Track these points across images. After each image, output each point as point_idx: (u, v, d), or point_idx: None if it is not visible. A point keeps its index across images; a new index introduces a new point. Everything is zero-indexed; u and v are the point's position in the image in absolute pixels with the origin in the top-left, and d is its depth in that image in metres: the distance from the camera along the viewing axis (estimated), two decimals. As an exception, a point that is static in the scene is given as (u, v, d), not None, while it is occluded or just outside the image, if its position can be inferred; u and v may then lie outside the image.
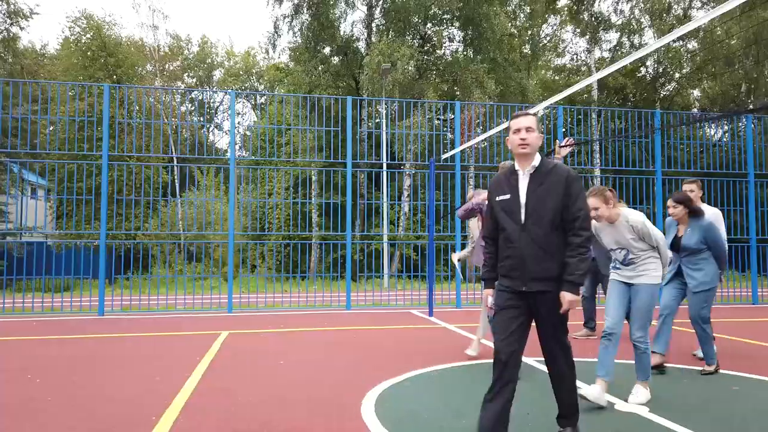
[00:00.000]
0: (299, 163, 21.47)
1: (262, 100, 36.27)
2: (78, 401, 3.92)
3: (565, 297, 2.73)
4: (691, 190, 5.41)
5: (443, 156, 8.33)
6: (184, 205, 24.27)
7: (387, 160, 16.44)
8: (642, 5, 23.83)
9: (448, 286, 14.40)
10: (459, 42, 22.93)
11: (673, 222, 4.88)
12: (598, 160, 20.31)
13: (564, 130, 17.75)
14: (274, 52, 23.46)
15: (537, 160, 2.86)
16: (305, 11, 22.08)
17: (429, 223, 8.58)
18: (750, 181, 10.91)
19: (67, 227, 23.34)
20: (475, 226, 5.54)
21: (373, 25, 22.68)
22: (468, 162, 14.93)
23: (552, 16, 27.72)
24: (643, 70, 26.60)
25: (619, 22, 24.86)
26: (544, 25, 28.30)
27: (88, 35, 25.75)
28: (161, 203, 23.96)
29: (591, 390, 3.69)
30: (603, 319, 4.26)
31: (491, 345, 5.77)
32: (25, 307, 10.20)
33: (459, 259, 5.77)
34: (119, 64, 25.22)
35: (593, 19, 24.48)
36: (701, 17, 3.85)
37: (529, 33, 26.56)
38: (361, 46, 23.54)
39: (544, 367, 5.11)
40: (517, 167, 2.89)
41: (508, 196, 2.86)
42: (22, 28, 31.60)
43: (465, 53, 22.05)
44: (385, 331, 7.37)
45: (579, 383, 3.53)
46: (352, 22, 38.50)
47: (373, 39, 22.27)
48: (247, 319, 8.71)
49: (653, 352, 4.76)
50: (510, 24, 22.42)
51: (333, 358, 5.53)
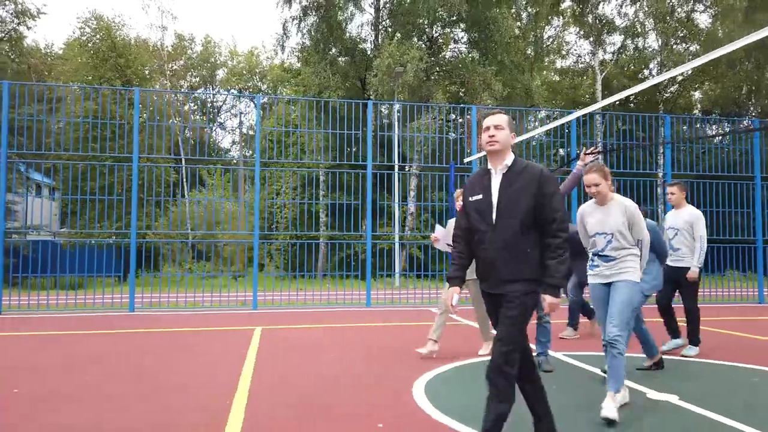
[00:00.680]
0: (310, 164, 21.76)
1: (277, 102, 36.55)
2: (151, 390, 4.22)
3: (546, 300, 2.69)
4: (672, 192, 5.60)
5: (466, 159, 8.66)
6: (202, 205, 24.48)
7: (399, 162, 16.72)
8: (646, 8, 24.16)
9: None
10: (465, 44, 23.25)
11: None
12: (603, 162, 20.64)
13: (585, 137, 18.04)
14: (283, 53, 23.72)
15: (510, 159, 2.80)
16: (313, 13, 22.37)
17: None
18: (757, 184, 11.25)
19: (75, 226, 23.65)
20: None
21: (380, 27, 23.00)
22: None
23: (555, 18, 28.03)
24: (646, 72, 26.97)
25: (623, 25, 25.20)
26: (547, 27, 28.62)
27: (98, 36, 26.00)
28: (175, 202, 24.17)
29: (609, 409, 3.39)
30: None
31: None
32: (49, 303, 10.48)
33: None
34: (128, 64, 25.50)
35: (597, 21, 24.82)
36: (728, 47, 4.14)
37: (532, 34, 26.90)
38: (366, 47, 23.85)
39: (577, 362, 5.44)
40: (489, 166, 2.86)
41: (480, 197, 2.80)
42: (29, 28, 31.76)
43: (471, 55, 22.38)
44: (413, 328, 7.68)
45: (606, 405, 3.40)
46: (359, 24, 38.76)
47: (380, 41, 22.58)
48: (274, 316, 9.02)
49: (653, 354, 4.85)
50: (515, 26, 22.69)
51: (372, 350, 5.83)
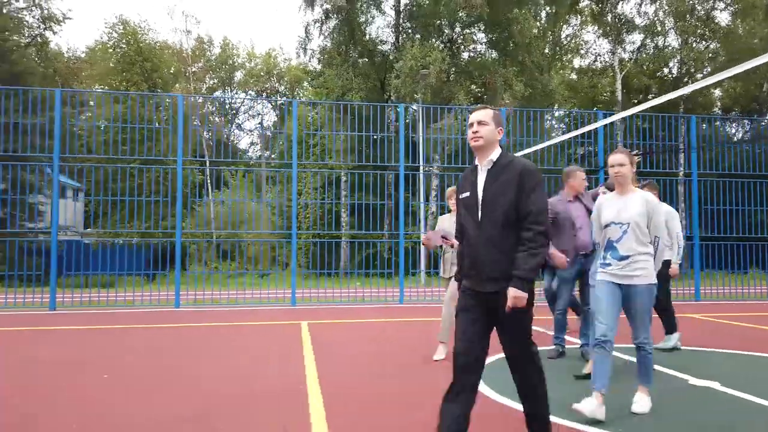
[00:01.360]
0: (335, 165, 22.20)
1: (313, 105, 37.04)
2: (231, 375, 4.61)
3: (509, 293, 2.57)
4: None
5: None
6: (227, 205, 25.01)
7: (423, 163, 17.05)
8: (666, 7, 24.21)
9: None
10: (485, 45, 23.50)
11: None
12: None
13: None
14: (305, 55, 24.14)
15: (495, 154, 2.75)
16: (335, 16, 22.75)
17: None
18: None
19: (104, 226, 24.31)
20: None
21: (400, 28, 23.34)
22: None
23: (573, 17, 28.14)
24: (665, 70, 26.99)
25: (643, 24, 25.26)
26: (565, 26, 28.75)
27: (124, 41, 26.61)
28: (200, 203, 24.73)
29: (587, 404, 3.43)
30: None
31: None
32: (100, 300, 10.97)
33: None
34: (155, 68, 26.11)
35: (617, 20, 24.91)
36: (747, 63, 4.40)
37: (550, 34, 27.04)
38: (385, 48, 24.21)
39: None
40: (476, 162, 2.83)
41: (468, 193, 2.79)
42: (54, 33, 32.51)
43: (491, 56, 22.64)
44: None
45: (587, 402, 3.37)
46: (379, 27, 39.13)
47: (399, 43, 22.93)
48: (314, 312, 9.40)
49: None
50: (535, 26, 22.88)
51: (423, 342, 6.17)
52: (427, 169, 20.34)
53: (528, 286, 2.57)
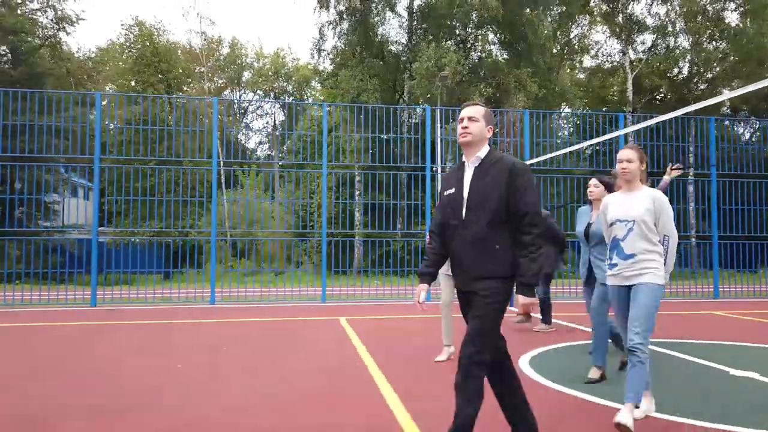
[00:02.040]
0: (349, 165, 22.50)
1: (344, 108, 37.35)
2: (294, 369, 4.90)
3: (518, 300, 2.60)
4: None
5: (531, 161, 9.24)
6: (241, 204, 25.35)
7: (441, 164, 17.32)
8: (678, 8, 24.41)
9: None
10: (498, 46, 23.75)
11: (585, 211, 4.72)
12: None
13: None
14: (319, 56, 24.43)
15: (483, 151, 2.72)
16: (349, 18, 23.03)
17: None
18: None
19: (121, 225, 24.67)
20: None
21: (413, 30, 23.60)
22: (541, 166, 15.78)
23: (582, 17, 28.32)
24: (675, 70, 27.19)
25: (654, 24, 25.45)
26: (574, 26, 28.94)
27: (140, 42, 26.96)
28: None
29: (624, 415, 3.04)
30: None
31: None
32: (131, 297, 11.28)
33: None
34: (170, 69, 26.45)
35: (627, 20, 25.11)
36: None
37: (558, 34, 27.24)
38: (395, 48, 24.48)
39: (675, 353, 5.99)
40: (464, 159, 2.80)
41: (453, 191, 2.75)
42: (68, 34, 32.81)
43: (504, 57, 22.90)
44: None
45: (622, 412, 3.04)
46: (392, 28, 39.35)
47: (413, 43, 23.20)
48: (345, 308, 9.69)
49: (597, 366, 4.41)
50: (549, 27, 23.10)
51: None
52: (435, 170, 20.63)
53: (534, 290, 2.59)
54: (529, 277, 2.53)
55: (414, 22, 23.74)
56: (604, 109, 26.97)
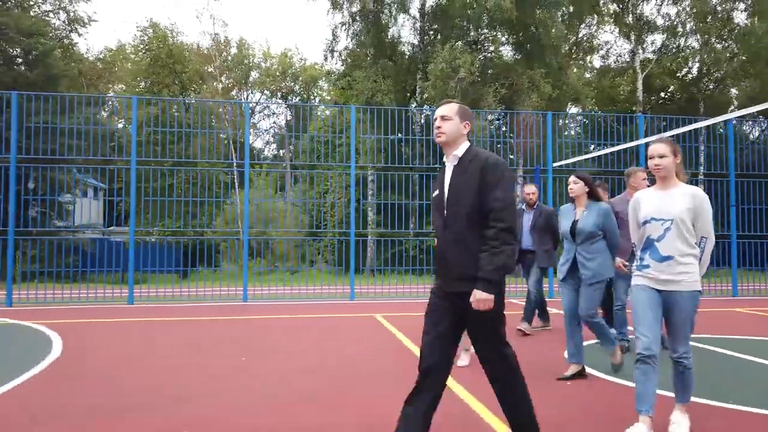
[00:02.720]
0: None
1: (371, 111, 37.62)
2: (358, 356, 5.17)
3: (474, 295, 2.50)
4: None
5: (555, 164, 9.50)
6: (255, 204, 25.68)
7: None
8: (688, 9, 24.63)
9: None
10: (510, 46, 23.97)
11: (568, 209, 4.64)
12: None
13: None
14: (332, 58, 24.70)
15: (461, 149, 2.69)
16: (362, 19, 23.28)
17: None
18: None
19: (139, 225, 25.01)
20: None
21: (425, 30, 23.85)
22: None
23: (590, 17, 28.51)
24: (684, 70, 27.41)
25: (665, 24, 25.67)
26: (582, 26, 29.14)
27: (154, 44, 27.28)
28: (230, 203, 25.37)
29: (681, 426, 3.17)
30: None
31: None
32: (174, 295, 11.55)
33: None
34: (183, 70, 26.79)
35: (638, 21, 25.34)
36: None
37: (567, 34, 27.44)
38: (407, 50, 24.72)
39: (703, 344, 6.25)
40: (444, 159, 2.78)
41: (437, 191, 2.74)
42: (80, 35, 33.10)
43: (515, 57, 23.13)
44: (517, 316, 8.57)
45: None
46: (404, 28, 39.53)
47: (424, 44, 23.46)
48: (375, 306, 9.95)
49: (573, 363, 4.52)
50: (562, 28, 23.30)
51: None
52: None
53: (494, 287, 2.49)
54: (489, 272, 2.47)
55: (426, 24, 23.99)
56: (613, 109, 27.21)
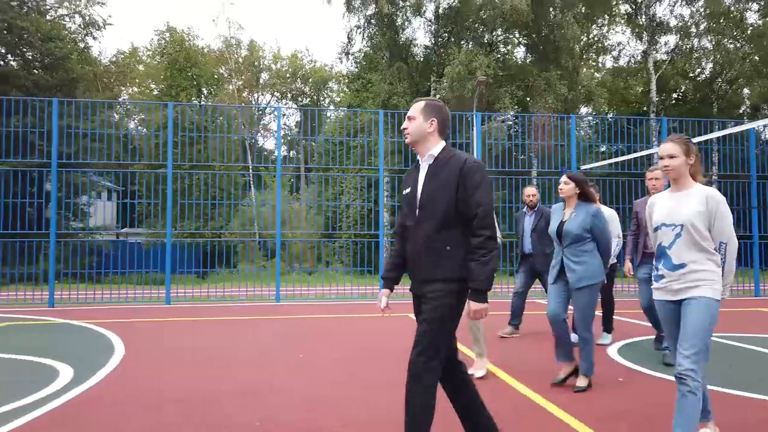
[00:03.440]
0: (382, 169, 23.09)
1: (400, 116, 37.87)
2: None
3: (469, 306, 2.49)
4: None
5: (585, 166, 9.72)
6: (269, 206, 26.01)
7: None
8: (702, 10, 24.75)
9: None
10: (524, 48, 24.19)
11: (558, 209, 4.45)
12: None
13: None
14: (347, 60, 24.99)
15: (436, 149, 2.61)
16: (377, 23, 23.54)
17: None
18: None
19: (149, 227, 25.41)
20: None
21: (440, 33, 24.09)
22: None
23: (602, 18, 28.64)
24: (698, 70, 27.52)
25: (678, 25, 25.79)
26: (595, 27, 29.28)
27: (171, 47, 27.63)
28: (245, 205, 25.70)
29: None
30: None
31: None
32: (201, 295, 11.83)
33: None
34: (200, 73, 27.14)
35: (651, 22, 25.47)
36: None
37: (579, 34, 27.57)
38: (422, 52, 24.97)
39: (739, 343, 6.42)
40: (418, 158, 2.69)
41: (409, 190, 2.66)
42: (95, 38, 33.52)
43: (530, 59, 23.34)
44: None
45: None
46: (418, 31, 39.82)
47: (438, 46, 23.70)
48: (405, 306, 10.15)
49: (564, 363, 4.34)
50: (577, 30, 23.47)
51: (543, 329, 6.95)
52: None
53: (486, 296, 2.46)
54: (480, 282, 2.43)
55: (440, 26, 24.23)
56: (626, 110, 27.34)
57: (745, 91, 30.85)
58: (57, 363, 5.15)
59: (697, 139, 8.41)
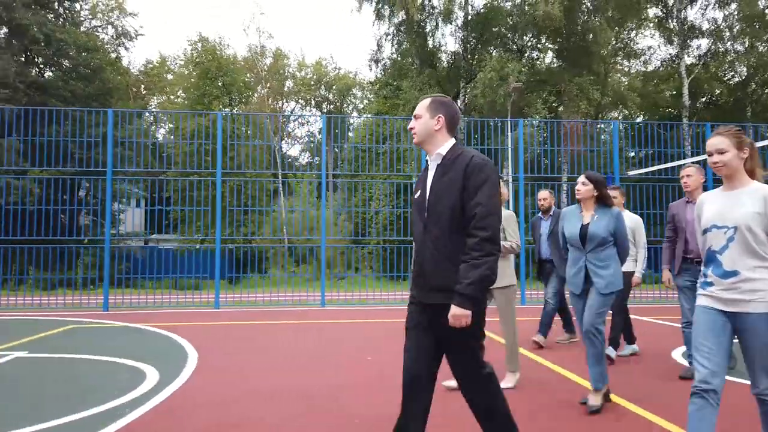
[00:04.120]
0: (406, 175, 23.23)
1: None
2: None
3: (451, 310, 2.26)
4: (614, 196, 5.46)
5: (632, 172, 9.72)
6: (297, 212, 26.33)
7: (512, 173, 17.83)
8: (737, 14, 24.47)
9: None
10: (553, 53, 24.15)
11: (573, 211, 4.11)
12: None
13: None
14: (377, 67, 25.22)
15: (444, 147, 2.46)
16: (406, 29, 23.75)
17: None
18: None
19: (183, 233, 25.87)
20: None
21: (470, 39, 24.19)
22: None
23: (632, 22, 28.45)
24: (731, 74, 27.18)
25: (711, 29, 25.52)
26: (625, 31, 29.08)
27: (203, 57, 28.22)
28: (273, 211, 26.01)
29: None
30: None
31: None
32: (243, 300, 12.06)
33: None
34: (232, 83, 27.65)
35: (682, 25, 25.25)
36: None
37: (610, 37, 27.43)
38: (450, 59, 25.08)
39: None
40: (427, 158, 2.54)
41: (419, 193, 2.51)
42: (126, 49, 34.45)
43: (561, 65, 23.28)
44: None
45: None
46: (448, 37, 40.02)
47: (468, 52, 23.79)
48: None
49: (598, 389, 3.87)
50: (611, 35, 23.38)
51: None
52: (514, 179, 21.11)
53: (471, 303, 2.24)
54: (465, 285, 2.23)
55: (468, 33, 24.34)
56: (656, 115, 27.09)
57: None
58: (139, 364, 5.35)
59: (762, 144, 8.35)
